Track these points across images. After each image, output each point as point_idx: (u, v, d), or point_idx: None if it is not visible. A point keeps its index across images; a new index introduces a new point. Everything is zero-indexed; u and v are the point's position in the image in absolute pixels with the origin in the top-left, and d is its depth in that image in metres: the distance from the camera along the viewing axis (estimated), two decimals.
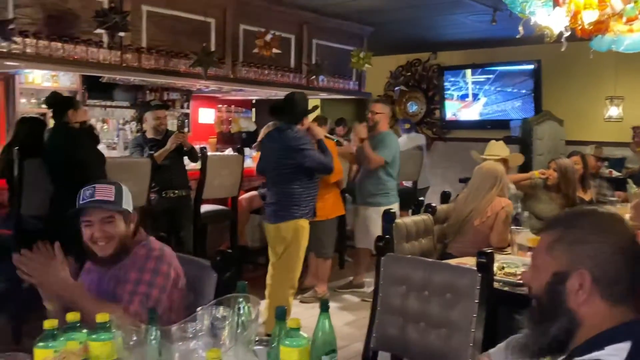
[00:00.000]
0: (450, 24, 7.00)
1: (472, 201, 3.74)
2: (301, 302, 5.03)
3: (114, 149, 6.94)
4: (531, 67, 8.20)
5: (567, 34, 3.97)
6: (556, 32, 4.01)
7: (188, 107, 8.32)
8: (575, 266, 1.22)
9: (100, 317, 1.50)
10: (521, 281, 2.75)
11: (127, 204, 2.15)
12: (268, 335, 1.72)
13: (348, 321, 4.67)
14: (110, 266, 2.15)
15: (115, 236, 2.11)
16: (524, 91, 8.37)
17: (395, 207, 5.09)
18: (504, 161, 4.45)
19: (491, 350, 1.60)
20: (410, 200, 5.53)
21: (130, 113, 7.70)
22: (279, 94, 6.87)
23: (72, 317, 1.51)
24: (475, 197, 3.75)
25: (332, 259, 5.41)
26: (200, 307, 1.64)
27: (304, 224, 4.22)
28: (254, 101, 9.01)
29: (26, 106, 6.62)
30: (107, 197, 2.09)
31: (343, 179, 5.40)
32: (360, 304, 5.18)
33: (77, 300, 1.92)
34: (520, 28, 4.07)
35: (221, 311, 1.60)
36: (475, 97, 8.87)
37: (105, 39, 4.64)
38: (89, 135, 4.43)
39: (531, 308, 1.31)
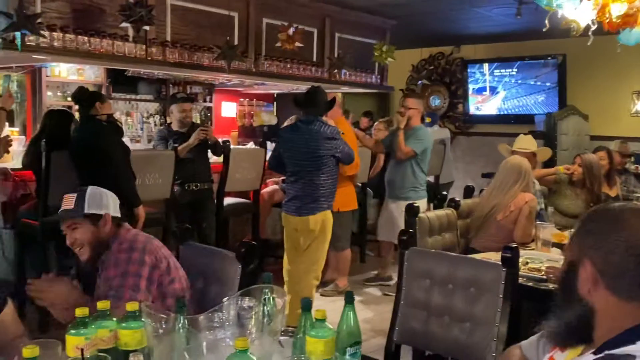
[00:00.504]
0: (474, 17, 6.94)
1: (495, 196, 3.73)
2: (322, 295, 5.05)
3: (137, 141, 7.02)
4: (556, 61, 8.10)
5: (594, 27, 3.92)
6: (583, 25, 3.96)
7: (211, 101, 8.37)
8: (582, 256, 1.25)
9: (130, 307, 1.53)
10: (545, 277, 2.74)
11: (94, 207, 2.22)
12: (289, 327, 1.74)
13: (370, 315, 4.68)
14: (98, 269, 2.23)
15: (83, 241, 2.21)
16: (548, 84, 8.25)
17: (424, 202, 5.12)
18: (533, 155, 4.42)
19: (523, 342, 1.60)
20: (432, 194, 5.52)
21: (154, 106, 7.78)
22: (301, 87, 6.87)
23: (102, 305, 1.55)
24: (499, 192, 3.74)
25: (352, 253, 5.42)
26: (226, 298, 1.66)
27: (330, 215, 4.28)
28: (275, 95, 9.03)
29: (52, 99, 6.72)
30: (68, 206, 2.22)
31: (358, 174, 5.43)
32: (381, 298, 5.19)
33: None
34: (547, 21, 4.03)
35: (247, 301, 1.62)
36: (494, 90, 8.78)
37: (130, 32, 4.68)
38: (114, 128, 4.47)
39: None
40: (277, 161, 4.38)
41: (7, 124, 4.66)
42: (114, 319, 1.54)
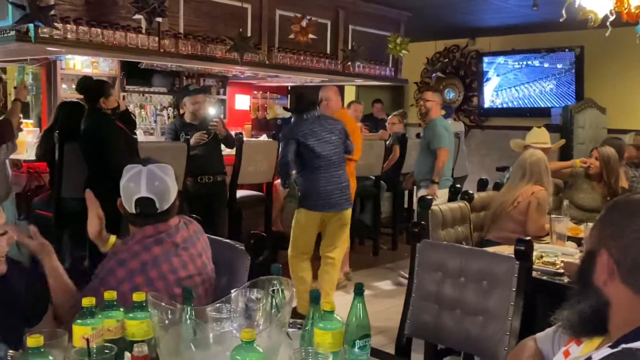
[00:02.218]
0: (489, 9, 6.85)
1: (506, 192, 3.73)
2: None
3: (151, 134, 7.04)
4: (573, 53, 7.98)
5: (612, 18, 3.85)
6: (601, 16, 3.89)
7: (224, 94, 8.37)
8: (600, 246, 1.23)
9: (137, 297, 1.52)
10: (560, 270, 2.70)
11: None
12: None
13: (380, 309, 4.65)
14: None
15: None
16: (559, 65, 8.12)
17: (445, 192, 5.11)
18: (547, 149, 4.38)
19: (538, 335, 1.56)
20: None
21: (167, 99, 7.80)
22: (315, 80, 6.84)
23: (109, 295, 1.54)
24: (508, 188, 3.78)
25: (364, 246, 5.36)
26: (234, 289, 1.65)
27: None
28: (289, 88, 9.01)
29: (67, 92, 6.74)
30: None
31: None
32: (392, 291, 5.17)
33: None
34: (564, 12, 3.97)
35: (255, 293, 1.60)
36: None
37: (143, 24, 4.68)
38: (125, 119, 4.44)
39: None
40: (293, 157, 4.21)
41: (21, 115, 4.69)
42: (121, 309, 1.53)
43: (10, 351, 1.29)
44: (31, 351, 1.21)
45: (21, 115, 4.56)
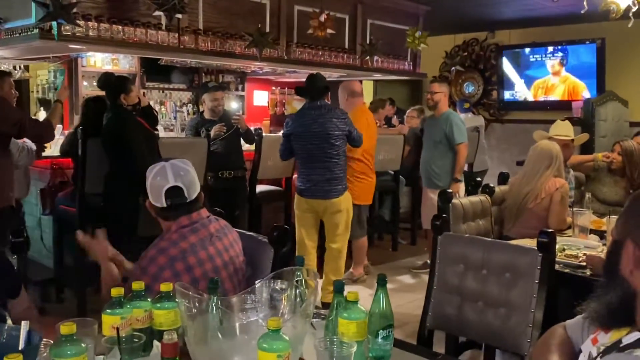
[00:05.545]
0: (509, 1, 6.79)
1: (527, 183, 3.64)
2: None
3: (171, 130, 7.11)
4: (594, 45, 7.87)
5: (634, 8, 3.82)
6: (623, 7, 3.86)
7: (243, 90, 8.42)
8: (625, 236, 1.23)
9: (164, 287, 1.55)
10: (583, 263, 2.68)
11: None
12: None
13: (400, 302, 4.66)
14: None
15: None
16: (583, 63, 8.02)
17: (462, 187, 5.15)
18: (570, 141, 4.31)
19: (568, 322, 1.56)
20: (466, 183, 5.46)
21: (187, 95, 7.86)
22: (333, 75, 6.84)
23: (137, 286, 1.57)
24: (530, 178, 3.64)
25: (383, 241, 5.36)
26: (258, 280, 1.67)
27: (349, 196, 4.55)
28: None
29: (88, 89, 6.83)
30: None
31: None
32: (411, 285, 5.16)
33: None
34: (585, 3, 3.93)
35: (279, 284, 1.62)
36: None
37: (163, 21, 4.72)
38: (146, 115, 4.46)
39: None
40: (289, 150, 4.49)
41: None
42: (149, 299, 1.56)
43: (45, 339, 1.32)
44: (64, 338, 1.24)
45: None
